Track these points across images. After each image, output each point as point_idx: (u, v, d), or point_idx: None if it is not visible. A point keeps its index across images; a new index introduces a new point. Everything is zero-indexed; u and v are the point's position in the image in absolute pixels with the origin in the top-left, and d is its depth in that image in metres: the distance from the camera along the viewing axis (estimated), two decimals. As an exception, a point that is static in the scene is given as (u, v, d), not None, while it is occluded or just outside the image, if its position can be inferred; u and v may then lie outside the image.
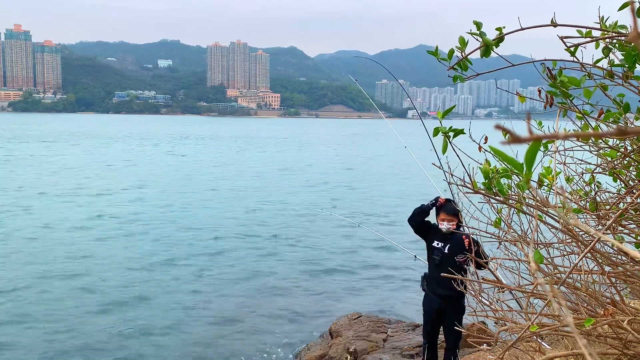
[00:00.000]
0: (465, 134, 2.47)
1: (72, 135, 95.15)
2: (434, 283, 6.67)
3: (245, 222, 22.95)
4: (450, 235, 6.61)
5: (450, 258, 6.53)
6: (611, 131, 0.72)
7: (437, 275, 6.48)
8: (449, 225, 6.55)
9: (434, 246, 6.72)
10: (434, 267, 6.66)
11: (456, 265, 6.42)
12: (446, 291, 6.41)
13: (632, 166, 2.73)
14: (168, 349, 10.60)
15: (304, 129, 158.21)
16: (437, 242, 6.69)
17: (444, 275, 5.90)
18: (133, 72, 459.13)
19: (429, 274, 6.82)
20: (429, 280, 6.79)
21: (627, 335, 2.29)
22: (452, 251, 6.58)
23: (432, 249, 6.76)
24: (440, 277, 6.30)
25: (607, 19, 2.26)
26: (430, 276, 6.76)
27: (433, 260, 6.68)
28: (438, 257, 6.63)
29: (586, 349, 0.71)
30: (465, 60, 2.21)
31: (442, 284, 6.42)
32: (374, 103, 11.75)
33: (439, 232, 6.74)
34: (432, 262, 6.70)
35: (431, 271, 6.75)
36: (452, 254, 6.55)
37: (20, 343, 10.62)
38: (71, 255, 16.82)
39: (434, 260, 6.67)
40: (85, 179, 35.56)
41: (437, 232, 6.77)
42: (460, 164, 2.61)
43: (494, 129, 0.77)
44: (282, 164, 50.38)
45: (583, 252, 1.93)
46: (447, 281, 6.14)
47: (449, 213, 6.57)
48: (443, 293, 6.54)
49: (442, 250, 6.64)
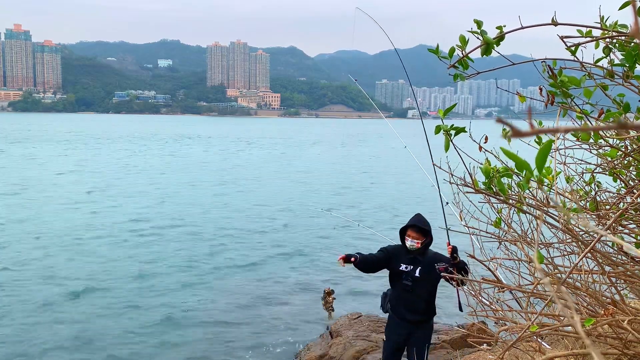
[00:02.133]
0: (466, 133, 2.47)
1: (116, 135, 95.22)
2: (403, 309, 6.01)
3: (245, 222, 22.96)
4: (419, 255, 5.98)
5: (423, 281, 5.93)
6: (611, 125, 0.71)
7: (408, 301, 5.97)
8: (413, 242, 5.94)
9: (402, 270, 6.00)
10: (404, 292, 5.98)
11: (431, 287, 5.98)
12: (416, 316, 5.99)
13: (632, 166, 2.73)
14: (167, 349, 10.59)
15: (317, 129, 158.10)
16: (404, 265, 6.00)
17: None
18: (133, 72, 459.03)
19: (394, 298, 6.09)
20: (396, 305, 6.07)
21: (628, 335, 2.29)
22: (424, 274, 5.94)
23: (399, 274, 6.02)
24: (410, 303, 5.94)
25: (607, 19, 2.25)
26: (398, 302, 6.05)
27: (404, 287, 5.97)
28: (410, 282, 5.93)
29: (593, 349, 0.71)
30: (466, 58, 2.21)
31: (412, 309, 5.98)
32: (373, 103, 11.72)
33: (404, 253, 6.04)
34: (402, 287, 5.98)
35: (399, 296, 6.04)
36: (425, 277, 5.93)
37: (24, 343, 10.62)
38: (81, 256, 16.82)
39: (404, 287, 5.96)
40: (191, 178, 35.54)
41: (400, 254, 6.07)
42: (462, 163, 2.61)
43: (496, 122, 0.77)
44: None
45: (583, 252, 1.93)
46: (418, 306, 5.94)
47: (415, 230, 5.99)
48: (413, 319, 6.00)
49: (413, 274, 5.95)
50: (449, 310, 10.09)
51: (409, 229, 6.03)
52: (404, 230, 6.09)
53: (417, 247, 5.93)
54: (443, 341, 8.60)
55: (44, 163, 45.92)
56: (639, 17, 0.65)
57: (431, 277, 5.91)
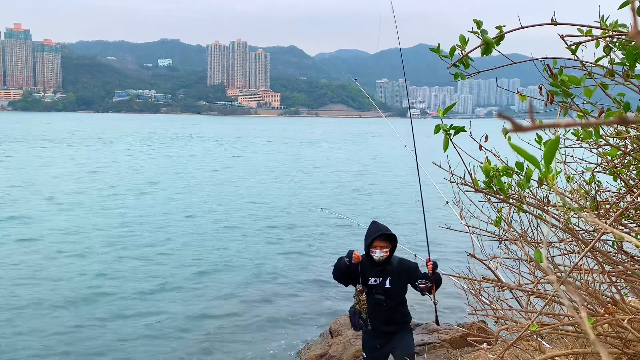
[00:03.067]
0: (466, 132, 2.47)
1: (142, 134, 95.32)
2: (379, 323, 5.74)
3: (244, 221, 22.97)
4: (385, 264, 5.73)
5: (394, 293, 5.75)
6: (612, 119, 0.72)
7: (383, 315, 5.73)
8: (382, 253, 5.67)
9: (371, 284, 5.75)
10: (377, 307, 5.72)
11: (402, 295, 5.81)
12: (395, 327, 5.80)
13: (632, 165, 2.73)
14: (166, 349, 10.60)
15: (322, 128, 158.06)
16: (373, 278, 5.73)
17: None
18: (133, 71, 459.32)
19: (367, 314, 5.72)
20: (371, 320, 5.72)
21: (628, 334, 2.29)
22: (395, 284, 5.74)
23: (369, 289, 5.75)
24: (386, 316, 5.72)
25: (607, 18, 2.25)
26: (373, 317, 5.73)
27: (376, 301, 5.70)
28: (382, 296, 5.71)
29: (600, 348, 0.71)
30: (467, 57, 2.21)
31: (389, 322, 5.77)
32: (373, 102, 11.71)
33: (370, 265, 5.76)
34: (375, 302, 5.71)
35: (373, 311, 5.72)
36: (395, 286, 5.74)
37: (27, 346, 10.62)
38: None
39: (377, 301, 5.70)
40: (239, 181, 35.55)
41: (366, 266, 5.76)
42: (461, 162, 2.61)
43: (497, 117, 0.77)
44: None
45: (583, 251, 1.93)
46: (394, 317, 5.74)
47: (383, 238, 5.70)
48: (391, 330, 5.80)
49: (383, 286, 5.72)
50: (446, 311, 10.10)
51: (375, 240, 5.71)
52: (369, 242, 5.75)
53: (386, 255, 5.69)
54: (443, 340, 8.60)
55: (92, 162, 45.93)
56: (638, 16, 0.65)
57: (401, 285, 5.77)
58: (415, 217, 6.07)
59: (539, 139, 2.56)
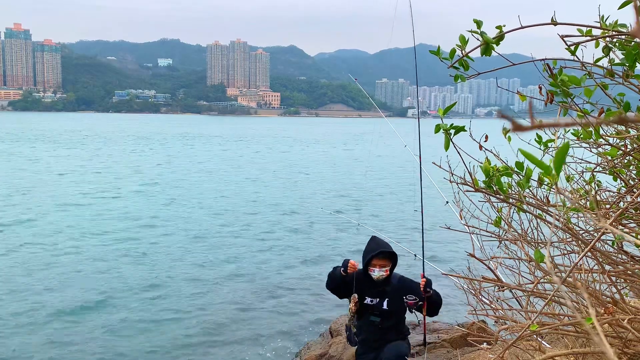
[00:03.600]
0: (466, 132, 2.48)
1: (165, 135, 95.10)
2: (373, 343, 5.45)
3: (244, 221, 22.96)
4: (384, 284, 5.36)
5: (392, 314, 5.39)
6: (612, 119, 0.72)
7: (378, 336, 5.41)
8: (382, 272, 5.28)
9: (368, 304, 5.38)
10: (372, 327, 5.39)
11: (400, 316, 5.46)
12: (385, 344, 5.50)
13: (632, 165, 2.73)
14: (165, 349, 10.59)
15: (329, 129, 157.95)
16: (370, 299, 5.37)
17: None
18: (133, 71, 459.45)
19: (363, 332, 5.44)
20: (366, 339, 5.46)
21: (627, 334, 2.30)
22: (393, 306, 5.37)
23: (365, 308, 5.39)
24: (381, 337, 5.40)
25: (607, 18, 2.26)
26: (367, 336, 5.45)
27: (372, 323, 5.38)
28: (378, 318, 5.36)
29: (604, 347, 0.71)
30: (467, 58, 2.21)
31: (384, 341, 5.43)
32: (373, 102, 11.70)
33: (368, 284, 5.38)
34: (370, 324, 5.39)
35: (368, 332, 5.42)
36: (393, 308, 5.37)
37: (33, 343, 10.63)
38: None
39: (372, 323, 5.37)
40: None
41: (364, 283, 5.38)
42: (461, 162, 2.61)
43: (497, 117, 0.77)
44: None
45: (583, 251, 1.93)
46: (390, 337, 5.39)
47: (382, 256, 5.31)
48: (382, 349, 5.48)
49: (380, 307, 5.37)
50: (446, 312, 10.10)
51: (374, 258, 5.31)
52: (368, 259, 5.36)
53: (386, 275, 5.31)
54: (443, 340, 8.60)
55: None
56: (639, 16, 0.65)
57: (399, 306, 5.38)
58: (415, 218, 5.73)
59: (539, 139, 2.57)
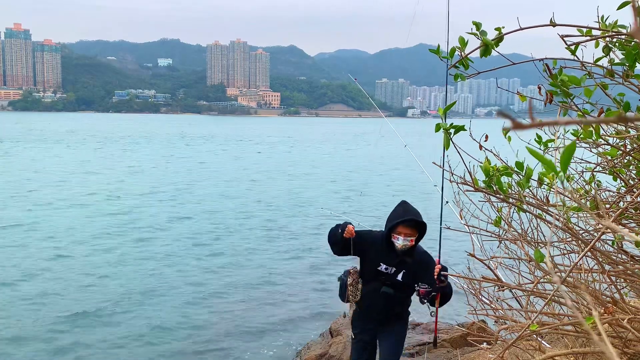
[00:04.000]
0: (466, 131, 2.48)
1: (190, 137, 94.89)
2: (374, 312, 5.05)
3: (243, 221, 22.97)
4: (405, 254, 4.87)
5: (405, 288, 4.95)
6: (612, 118, 0.72)
7: (383, 306, 5.00)
8: (406, 241, 4.79)
9: (381, 271, 4.91)
10: (380, 298, 4.95)
11: (411, 292, 5.02)
12: (387, 319, 5.13)
13: (632, 165, 2.74)
14: (164, 349, 10.60)
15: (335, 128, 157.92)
16: (385, 265, 4.90)
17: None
18: (133, 71, 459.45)
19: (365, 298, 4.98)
20: (368, 306, 5.03)
21: (627, 334, 2.30)
22: (407, 279, 4.92)
23: (375, 275, 4.92)
24: (386, 308, 5.02)
25: (606, 19, 2.26)
26: (370, 304, 5.00)
27: (381, 294, 4.92)
28: (390, 291, 4.91)
29: (605, 347, 0.72)
30: (466, 59, 2.21)
31: (387, 312, 5.07)
32: (373, 102, 11.69)
33: (386, 250, 4.90)
34: (378, 292, 4.93)
35: (372, 300, 4.97)
36: (408, 282, 4.92)
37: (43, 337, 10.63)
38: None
39: (383, 294, 4.92)
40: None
41: (381, 249, 4.91)
42: (462, 162, 2.61)
43: (497, 116, 0.77)
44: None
45: (583, 250, 1.93)
46: (394, 310, 5.07)
47: (410, 225, 4.80)
48: (384, 319, 5.12)
49: (394, 278, 4.91)
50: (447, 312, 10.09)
51: (400, 225, 4.81)
52: (393, 225, 4.87)
53: (411, 245, 4.82)
54: (443, 340, 8.60)
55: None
56: (639, 17, 0.65)
57: (414, 281, 4.95)
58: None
59: (539, 139, 2.57)
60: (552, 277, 1.92)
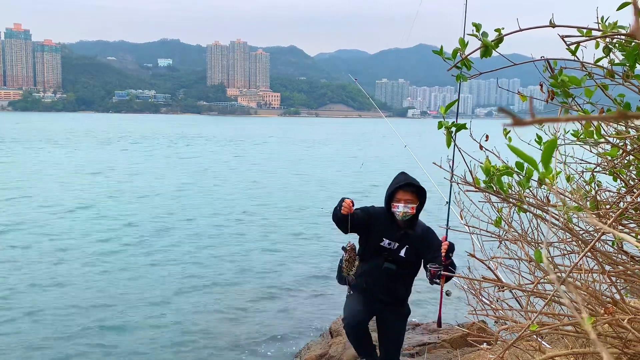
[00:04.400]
0: (467, 130, 2.49)
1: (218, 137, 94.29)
2: (378, 292, 4.79)
3: (242, 221, 22.98)
4: (408, 227, 4.66)
5: (408, 264, 4.76)
6: (612, 114, 0.72)
7: (385, 286, 4.77)
8: (407, 208, 4.55)
9: (384, 246, 4.70)
10: (383, 275, 4.73)
11: (415, 271, 4.85)
12: (393, 299, 4.88)
13: (632, 165, 2.74)
14: (164, 349, 10.59)
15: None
16: (388, 241, 4.68)
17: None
18: (133, 71, 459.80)
19: (367, 278, 4.75)
20: (369, 286, 4.77)
21: (628, 334, 2.30)
22: (411, 255, 4.73)
23: (379, 251, 4.71)
24: (388, 288, 4.77)
25: (606, 19, 2.26)
26: (372, 284, 4.76)
27: (385, 271, 4.69)
28: (394, 266, 4.67)
29: (601, 348, 0.72)
30: (467, 60, 2.22)
31: (389, 294, 4.83)
32: (373, 102, 11.68)
33: (389, 224, 4.69)
34: (381, 270, 4.71)
35: (375, 279, 4.74)
36: (412, 258, 4.74)
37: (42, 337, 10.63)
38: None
39: (386, 271, 4.69)
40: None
41: (384, 223, 4.70)
42: (462, 162, 2.62)
43: (498, 111, 0.78)
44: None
45: (583, 251, 1.94)
46: (397, 291, 4.85)
47: (409, 189, 4.58)
48: (388, 301, 4.86)
49: (397, 254, 4.69)
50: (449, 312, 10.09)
51: (399, 191, 4.59)
52: (391, 195, 4.66)
53: (412, 213, 4.59)
54: (443, 340, 8.60)
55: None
56: (639, 17, 0.66)
57: (418, 259, 4.76)
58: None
59: (539, 140, 2.57)
60: (551, 277, 1.92)
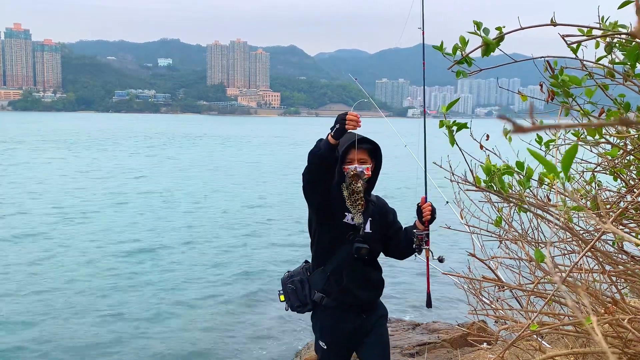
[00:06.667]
0: (468, 129, 2.49)
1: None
2: (354, 286, 3.85)
3: (241, 221, 22.98)
4: (366, 194, 3.85)
5: (376, 241, 3.94)
6: (614, 121, 0.72)
7: (360, 274, 3.89)
8: (362, 168, 3.77)
9: (347, 223, 3.79)
10: (354, 261, 3.83)
11: (382, 247, 4.05)
12: (371, 293, 4.00)
13: (632, 165, 2.74)
14: (163, 349, 10.59)
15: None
16: (350, 215, 3.76)
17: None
18: (133, 71, 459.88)
19: (338, 274, 3.85)
20: (345, 284, 3.84)
21: (628, 334, 2.30)
22: (375, 228, 3.94)
23: (342, 228, 3.81)
24: (364, 275, 3.91)
25: (607, 19, 2.26)
26: (346, 278, 3.84)
27: (356, 252, 3.77)
28: (360, 243, 3.77)
29: (605, 348, 0.72)
30: (468, 58, 2.22)
31: (366, 284, 3.93)
32: (373, 102, 11.62)
33: (342, 195, 3.70)
34: (353, 253, 3.79)
35: (347, 269, 3.84)
36: (377, 231, 3.95)
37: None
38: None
39: (357, 251, 3.77)
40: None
41: (339, 194, 3.70)
42: (463, 161, 2.62)
43: (498, 119, 0.77)
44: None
45: (583, 250, 1.93)
46: (373, 278, 4.02)
47: (362, 147, 3.79)
48: (367, 298, 3.96)
49: (362, 229, 3.78)
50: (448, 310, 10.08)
51: (351, 150, 3.73)
52: (342, 158, 3.77)
53: (368, 175, 3.85)
54: (443, 340, 8.60)
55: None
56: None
57: (381, 232, 3.99)
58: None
59: (539, 139, 2.57)
60: (552, 277, 1.92)
